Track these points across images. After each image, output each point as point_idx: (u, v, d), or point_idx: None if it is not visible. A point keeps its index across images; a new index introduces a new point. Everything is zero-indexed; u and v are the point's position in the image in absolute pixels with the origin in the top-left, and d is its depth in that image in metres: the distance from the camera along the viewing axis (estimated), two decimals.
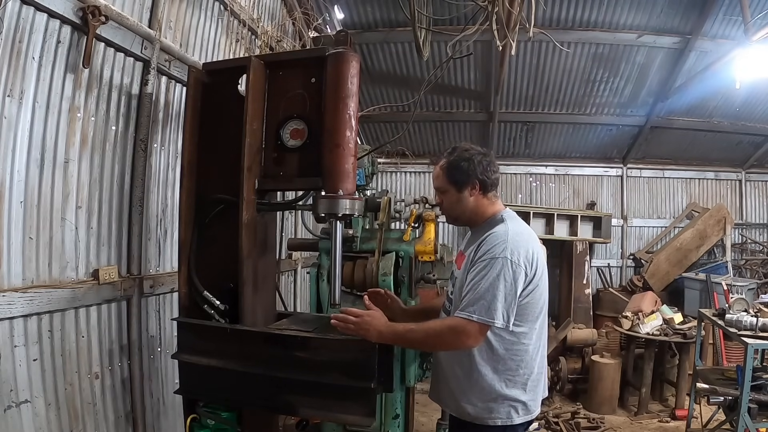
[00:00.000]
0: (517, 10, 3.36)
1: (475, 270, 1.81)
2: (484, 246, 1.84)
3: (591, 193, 7.52)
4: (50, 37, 2.16)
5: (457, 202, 1.98)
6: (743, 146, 7.05)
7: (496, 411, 1.87)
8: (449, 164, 1.97)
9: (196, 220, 2.12)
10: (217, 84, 2.16)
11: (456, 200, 1.98)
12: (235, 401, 1.99)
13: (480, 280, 1.78)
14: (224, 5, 3.55)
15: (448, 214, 2.05)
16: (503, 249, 1.80)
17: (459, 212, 2.01)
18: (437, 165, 2.01)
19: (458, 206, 1.99)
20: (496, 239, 1.84)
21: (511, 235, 1.85)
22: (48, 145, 2.19)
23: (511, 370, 1.87)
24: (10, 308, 1.96)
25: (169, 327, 2.98)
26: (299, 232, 5.05)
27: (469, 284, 1.81)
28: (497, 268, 1.77)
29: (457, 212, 2.01)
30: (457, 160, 1.95)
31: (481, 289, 1.77)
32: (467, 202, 1.97)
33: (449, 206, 2.01)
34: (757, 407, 3.31)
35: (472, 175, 1.94)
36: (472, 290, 1.79)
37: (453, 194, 1.98)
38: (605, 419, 4.65)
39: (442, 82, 6.09)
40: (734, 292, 5.32)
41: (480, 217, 2.00)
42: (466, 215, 2.01)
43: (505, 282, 1.76)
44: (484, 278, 1.77)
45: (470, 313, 1.76)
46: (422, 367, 2.68)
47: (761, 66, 4.50)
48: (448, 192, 1.98)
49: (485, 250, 1.82)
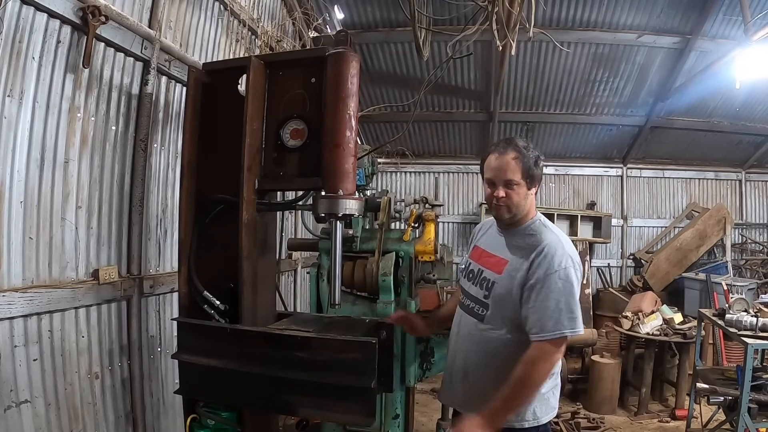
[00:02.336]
0: (517, 10, 3.35)
1: (545, 285, 1.77)
2: (546, 259, 1.79)
3: (591, 193, 7.53)
4: (50, 37, 2.16)
5: (524, 199, 1.89)
6: (743, 146, 7.05)
7: (530, 413, 1.86)
8: (525, 158, 1.86)
9: (196, 220, 2.12)
10: (217, 84, 2.16)
11: (524, 197, 1.89)
12: (235, 401, 1.99)
13: (557, 295, 1.75)
14: (224, 5, 3.55)
15: (512, 210, 1.90)
16: (564, 260, 1.79)
17: (521, 209, 1.91)
18: (509, 155, 1.86)
19: (523, 204, 1.90)
20: (554, 251, 1.80)
21: (565, 245, 1.85)
22: (48, 145, 2.20)
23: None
24: (10, 308, 1.96)
25: (169, 327, 2.98)
26: (299, 232, 5.06)
27: (543, 300, 1.76)
28: (566, 280, 1.77)
29: (520, 209, 1.91)
30: (532, 156, 1.87)
31: (563, 303, 1.75)
32: (529, 201, 1.92)
33: (518, 203, 1.88)
34: (757, 407, 3.31)
35: (541, 175, 1.91)
36: (553, 306, 1.75)
37: (523, 189, 1.88)
38: (605, 419, 4.64)
39: (442, 82, 6.10)
40: (734, 292, 5.32)
41: (526, 217, 1.94)
42: (521, 214, 1.92)
43: (575, 291, 1.79)
44: (559, 292, 1.75)
45: (557, 330, 1.74)
46: (422, 367, 2.68)
47: (761, 66, 4.49)
48: (520, 186, 1.87)
49: (549, 264, 1.78)
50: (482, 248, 2.07)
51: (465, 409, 1.98)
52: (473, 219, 7.52)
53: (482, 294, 1.95)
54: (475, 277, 2.02)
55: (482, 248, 2.07)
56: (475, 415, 1.74)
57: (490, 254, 2.00)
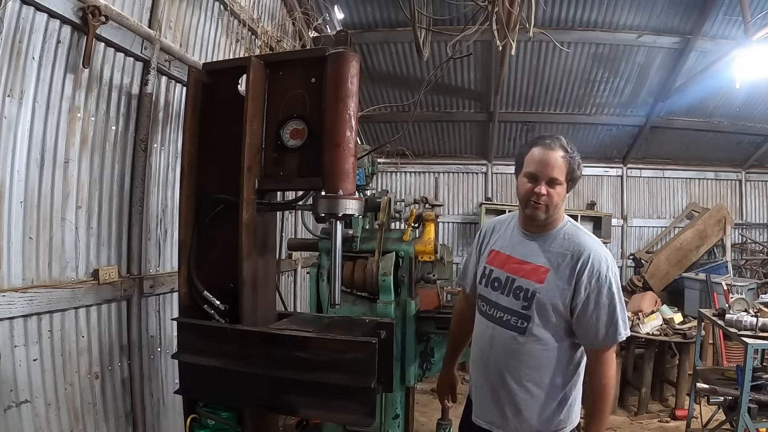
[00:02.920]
0: (517, 10, 3.35)
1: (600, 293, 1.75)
2: (593, 265, 1.77)
3: (591, 193, 7.53)
4: (50, 37, 2.16)
5: (562, 200, 1.85)
6: (743, 146, 7.05)
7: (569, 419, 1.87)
8: (572, 159, 1.82)
9: (196, 220, 2.12)
10: (217, 84, 2.16)
11: (562, 198, 1.85)
12: (235, 401, 1.99)
13: (611, 302, 1.76)
14: (224, 5, 3.55)
15: (549, 211, 1.82)
16: (610, 264, 1.80)
17: (558, 211, 1.86)
18: (558, 152, 1.80)
19: (561, 205, 1.86)
20: (599, 255, 1.79)
21: (602, 247, 1.85)
22: (48, 145, 2.19)
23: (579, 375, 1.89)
24: (10, 308, 1.96)
25: (169, 327, 2.98)
26: (299, 232, 5.06)
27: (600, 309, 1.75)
28: (616, 285, 1.78)
29: (558, 211, 1.86)
30: (577, 159, 1.84)
31: (618, 310, 1.76)
32: (564, 203, 1.88)
33: (557, 202, 1.82)
34: (757, 407, 3.30)
35: (578, 179, 1.88)
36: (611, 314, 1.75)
37: (564, 191, 1.84)
38: None
39: (442, 82, 6.10)
40: (734, 292, 5.32)
41: (556, 222, 1.88)
42: (555, 216, 1.87)
43: (621, 293, 1.81)
44: (613, 299, 1.76)
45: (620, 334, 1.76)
46: (422, 367, 2.68)
47: (761, 66, 4.50)
48: (563, 186, 1.82)
49: (598, 271, 1.76)
50: (506, 254, 1.93)
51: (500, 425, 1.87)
52: (473, 219, 7.52)
53: (520, 305, 1.83)
54: (503, 287, 1.89)
55: (506, 254, 1.93)
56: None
57: (522, 261, 1.87)
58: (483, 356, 1.93)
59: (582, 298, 1.75)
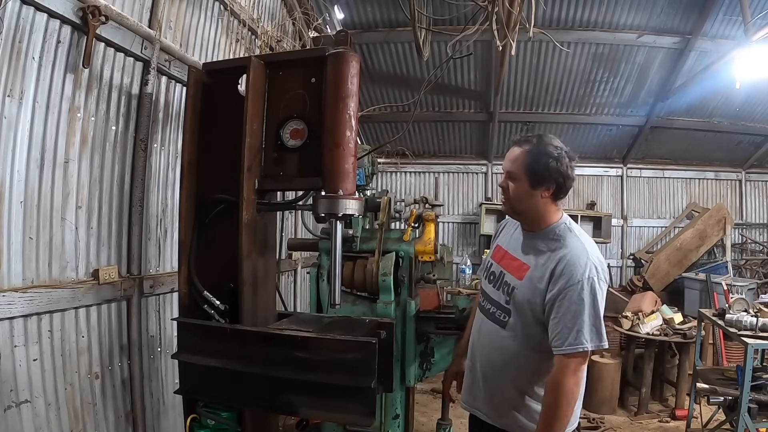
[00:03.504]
0: (517, 10, 3.36)
1: (567, 297, 1.68)
2: (567, 268, 1.70)
3: (591, 193, 7.53)
4: (50, 37, 2.16)
5: (525, 196, 1.81)
6: (743, 146, 7.05)
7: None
8: (534, 154, 1.78)
9: (196, 220, 2.12)
10: (217, 84, 2.16)
11: (525, 194, 1.81)
12: (235, 401, 1.99)
13: (579, 308, 1.66)
14: (224, 5, 3.55)
15: (511, 204, 1.87)
16: (588, 269, 1.69)
17: (523, 207, 1.85)
18: (519, 147, 1.82)
19: (525, 201, 1.82)
20: (577, 259, 1.71)
21: (590, 251, 1.75)
22: (48, 145, 2.19)
23: None
24: (10, 308, 1.96)
25: (169, 327, 2.98)
26: (299, 232, 5.06)
27: (565, 313, 1.67)
28: (590, 291, 1.67)
29: (521, 206, 1.85)
30: (543, 154, 1.77)
31: (586, 316, 1.66)
32: (536, 201, 1.81)
33: (515, 196, 1.83)
34: (757, 407, 3.31)
35: (552, 176, 1.78)
36: (575, 319, 1.65)
37: (524, 186, 1.81)
38: (605, 419, 4.65)
39: (442, 82, 6.10)
40: (734, 292, 5.31)
41: (543, 221, 1.85)
42: (528, 214, 1.85)
43: (599, 302, 1.69)
44: (582, 304, 1.66)
45: (583, 343, 1.65)
46: (422, 367, 2.68)
47: (761, 66, 4.50)
48: (520, 181, 1.81)
49: (571, 273, 1.69)
50: (505, 249, 1.98)
51: (487, 416, 1.92)
52: (473, 219, 7.52)
53: (504, 299, 1.87)
54: (496, 280, 1.93)
55: (505, 249, 1.98)
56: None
57: (513, 257, 1.91)
58: (472, 345, 2.02)
59: (552, 296, 1.71)
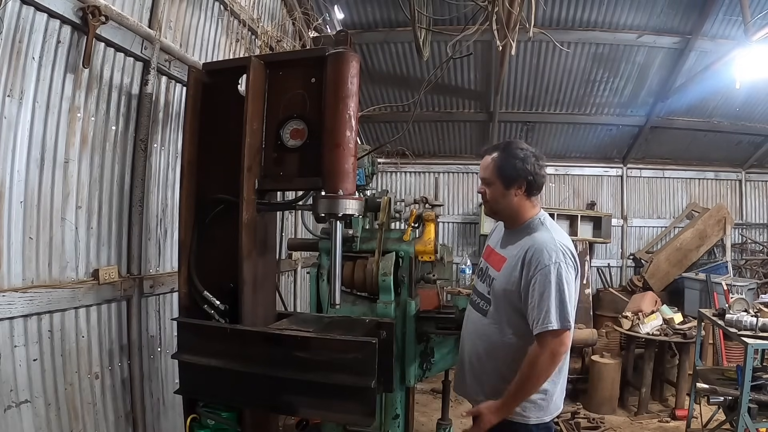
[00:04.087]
0: (517, 10, 3.36)
1: (536, 281, 1.83)
2: (535, 255, 1.86)
3: (591, 193, 7.53)
4: (50, 37, 2.16)
5: (501, 197, 2.01)
6: (743, 146, 7.05)
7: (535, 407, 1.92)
8: (502, 158, 1.99)
9: (196, 220, 2.12)
10: (217, 84, 2.16)
11: (500, 195, 2.01)
12: (235, 401, 1.99)
13: (546, 290, 1.81)
14: (224, 5, 3.55)
15: (490, 206, 2.08)
16: (555, 254, 1.84)
17: (500, 207, 2.04)
18: (488, 155, 2.03)
19: (501, 201, 2.02)
20: (543, 246, 1.87)
21: (557, 240, 1.90)
22: (48, 145, 2.19)
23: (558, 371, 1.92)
24: (10, 308, 1.96)
25: (169, 327, 2.98)
26: (299, 232, 5.05)
27: (535, 296, 1.82)
28: (555, 275, 1.82)
29: (498, 206, 2.05)
30: (510, 157, 1.98)
31: (552, 298, 1.80)
32: (510, 200, 2.00)
33: (492, 198, 2.04)
34: (757, 407, 3.31)
35: (522, 175, 1.97)
36: (543, 301, 1.80)
37: (499, 188, 2.01)
38: (605, 419, 4.65)
39: (442, 82, 6.09)
40: (734, 292, 5.31)
41: (520, 217, 2.03)
42: (506, 212, 2.04)
43: (568, 285, 1.83)
44: (548, 287, 1.81)
45: (550, 322, 1.78)
46: (422, 367, 2.68)
47: (761, 66, 4.50)
48: (494, 185, 2.02)
49: (538, 260, 1.85)
50: (492, 247, 2.18)
51: (471, 399, 2.11)
52: (473, 219, 7.52)
53: (486, 290, 2.06)
54: (483, 274, 2.14)
55: (492, 247, 2.18)
56: (491, 402, 1.89)
57: (495, 252, 2.11)
58: (462, 335, 2.20)
59: (525, 286, 1.87)
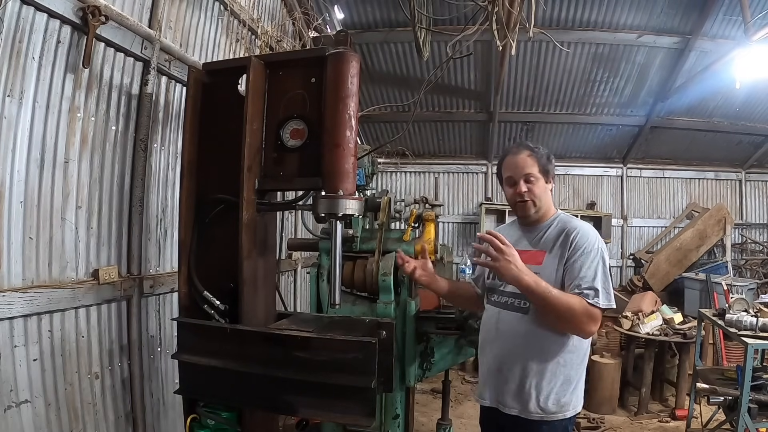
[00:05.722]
0: (517, 10, 3.36)
1: (585, 260, 1.85)
2: (582, 237, 1.89)
3: (591, 193, 7.53)
4: (50, 37, 2.16)
5: (543, 192, 2.03)
6: (743, 146, 7.05)
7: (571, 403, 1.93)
8: (537, 154, 2.02)
9: (196, 220, 2.12)
10: (217, 84, 2.16)
11: (543, 190, 2.03)
12: (235, 401, 1.99)
13: (596, 272, 1.83)
14: (224, 5, 3.55)
15: (535, 203, 2.02)
16: (597, 242, 1.90)
17: (542, 203, 2.03)
18: (523, 153, 2.03)
19: (544, 197, 2.03)
20: (588, 231, 1.93)
21: (594, 231, 1.96)
22: (48, 145, 2.19)
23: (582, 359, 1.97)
24: (10, 308, 1.96)
25: (169, 327, 2.98)
26: (299, 232, 5.06)
27: (584, 272, 1.83)
28: (601, 259, 1.86)
29: (543, 202, 2.03)
30: (541, 152, 2.03)
31: (599, 279, 1.82)
32: (548, 195, 2.05)
33: (539, 195, 2.02)
34: (757, 407, 3.31)
35: (553, 169, 2.06)
36: (596, 279, 1.82)
37: (542, 184, 2.03)
38: (605, 419, 4.65)
39: (442, 82, 6.10)
40: (734, 292, 5.32)
41: (548, 212, 2.06)
42: (544, 208, 2.04)
43: (609, 270, 1.90)
44: (598, 269, 1.84)
45: (598, 301, 1.79)
46: (422, 367, 2.68)
47: (761, 66, 4.50)
48: (540, 180, 2.02)
49: (586, 241, 1.88)
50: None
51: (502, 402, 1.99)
52: (473, 219, 7.52)
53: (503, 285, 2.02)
54: None
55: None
56: (524, 267, 1.82)
57: (522, 251, 2.00)
58: (489, 340, 2.08)
59: (571, 262, 1.88)
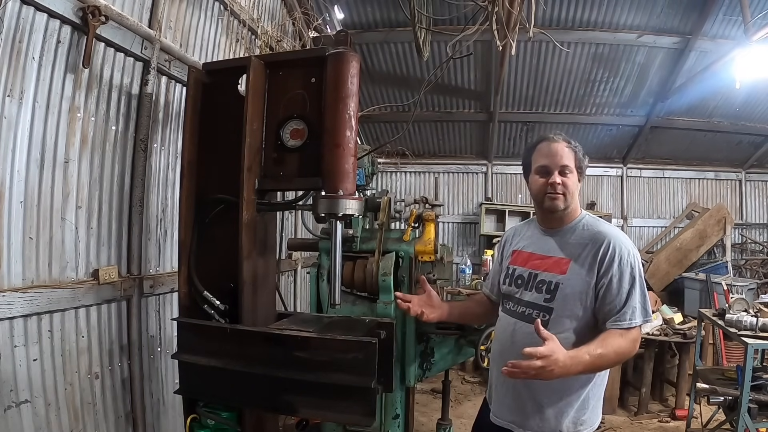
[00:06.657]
0: (517, 10, 3.36)
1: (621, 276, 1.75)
2: (615, 250, 1.77)
3: (591, 193, 7.53)
4: (50, 37, 2.16)
5: (575, 188, 1.89)
6: (743, 146, 7.05)
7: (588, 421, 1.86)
8: (579, 149, 1.90)
9: (196, 220, 2.12)
10: (217, 84, 2.16)
11: (575, 186, 1.89)
12: (235, 401, 1.99)
13: (632, 287, 1.74)
14: (224, 5, 3.55)
15: (567, 200, 1.87)
16: (633, 251, 1.79)
17: (573, 199, 1.90)
18: (558, 143, 1.88)
19: (575, 193, 1.90)
20: (620, 241, 1.79)
21: (624, 236, 1.84)
22: (48, 145, 2.19)
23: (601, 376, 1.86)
24: (10, 308, 1.96)
25: (169, 327, 2.98)
26: (299, 232, 5.06)
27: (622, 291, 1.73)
28: (638, 270, 1.77)
29: (572, 198, 1.89)
30: (577, 146, 1.90)
31: (637, 294, 1.74)
32: (577, 192, 1.92)
33: (572, 190, 1.87)
34: (757, 407, 3.30)
35: (585, 169, 1.93)
36: (631, 297, 1.73)
37: (575, 179, 1.88)
38: (605, 419, 4.64)
39: (442, 82, 6.10)
40: (734, 292, 5.31)
41: (575, 211, 1.92)
42: (572, 206, 1.90)
43: (644, 280, 1.79)
44: (634, 283, 1.75)
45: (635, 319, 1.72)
46: (422, 367, 2.68)
47: (761, 66, 4.50)
48: (574, 175, 1.88)
49: (620, 255, 1.76)
50: (528, 251, 1.98)
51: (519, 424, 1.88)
52: (473, 219, 7.52)
53: (542, 298, 1.85)
54: (526, 283, 1.93)
55: (528, 251, 1.98)
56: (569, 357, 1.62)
57: (543, 256, 1.91)
58: (503, 351, 1.92)
59: (605, 282, 1.75)
